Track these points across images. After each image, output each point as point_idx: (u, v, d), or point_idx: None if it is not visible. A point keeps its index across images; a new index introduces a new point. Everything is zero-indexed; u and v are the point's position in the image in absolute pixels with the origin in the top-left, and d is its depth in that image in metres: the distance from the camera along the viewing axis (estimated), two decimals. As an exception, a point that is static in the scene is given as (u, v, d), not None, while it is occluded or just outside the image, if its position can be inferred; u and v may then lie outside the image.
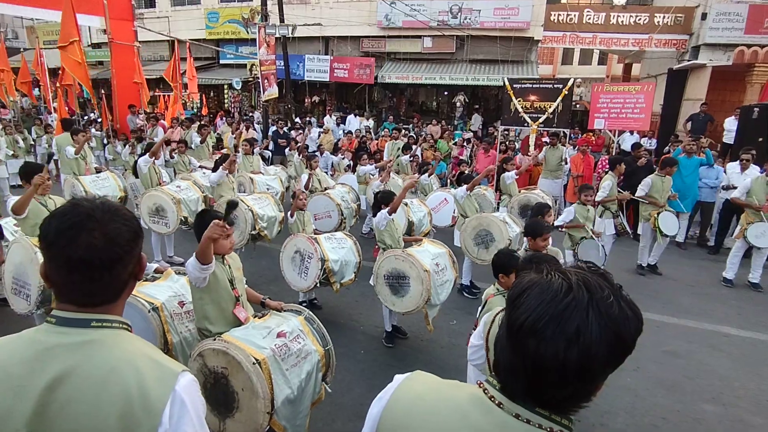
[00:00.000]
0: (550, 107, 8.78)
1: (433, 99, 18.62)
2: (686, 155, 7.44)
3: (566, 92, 8.66)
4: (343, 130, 13.76)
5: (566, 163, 9.12)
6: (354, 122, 14.58)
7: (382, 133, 13.06)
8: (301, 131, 12.50)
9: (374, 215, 4.33)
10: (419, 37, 16.24)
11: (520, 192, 6.98)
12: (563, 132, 9.27)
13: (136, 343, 1.07)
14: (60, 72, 11.03)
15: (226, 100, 19.12)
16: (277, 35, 11.98)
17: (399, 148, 8.99)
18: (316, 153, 7.62)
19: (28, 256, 3.31)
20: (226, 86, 18.45)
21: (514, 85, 9.02)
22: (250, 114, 16.78)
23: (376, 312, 5.05)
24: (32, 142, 12.35)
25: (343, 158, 9.51)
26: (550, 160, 8.86)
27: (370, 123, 15.07)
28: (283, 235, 5.70)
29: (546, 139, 9.78)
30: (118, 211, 1.08)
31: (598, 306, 0.76)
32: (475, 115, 16.14)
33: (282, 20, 12.72)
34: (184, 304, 3.23)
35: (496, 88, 16.23)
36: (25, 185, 4.20)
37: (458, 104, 16.57)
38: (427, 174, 7.30)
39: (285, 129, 11.95)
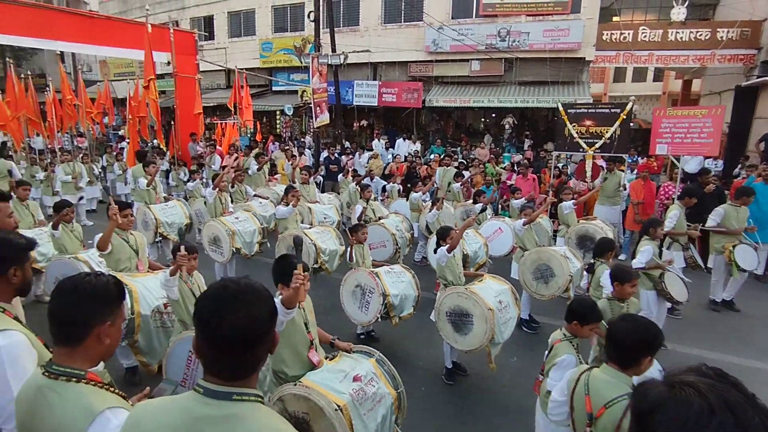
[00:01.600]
0: (607, 132, 8.56)
1: (481, 121, 18.56)
2: (763, 181, 6.99)
3: (624, 117, 8.42)
4: (392, 154, 13.93)
5: (624, 189, 8.80)
6: (403, 146, 14.75)
7: (432, 157, 13.13)
8: (351, 156, 12.81)
9: (434, 250, 4.34)
10: (467, 60, 16.33)
11: (578, 222, 6.80)
12: (622, 157, 8.97)
13: (272, 417, 1.18)
14: (133, 104, 11.85)
15: (277, 126, 19.89)
16: (330, 63, 12.40)
17: (452, 176, 8.96)
18: (369, 184, 7.74)
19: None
20: (278, 112, 19.22)
21: (569, 110, 8.88)
22: (302, 139, 17.34)
23: (433, 346, 5.03)
24: (103, 170, 13.34)
25: (396, 185, 9.60)
26: (608, 186, 8.56)
27: (418, 146, 15.19)
28: (341, 266, 5.82)
29: (602, 163, 9.49)
30: (260, 292, 1.19)
31: None
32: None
33: (334, 50, 13.18)
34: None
35: (546, 109, 16.00)
36: (54, 216, 4.64)
37: (507, 126, 16.42)
38: (481, 204, 7.23)
39: (336, 154, 12.28)
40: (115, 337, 1.58)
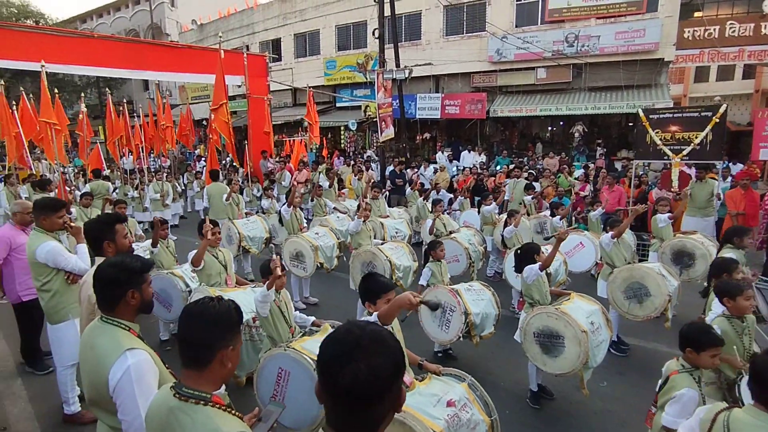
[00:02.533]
0: (696, 137, 7.90)
1: (547, 130, 17.91)
2: None
3: (717, 120, 7.74)
4: (457, 167, 13.78)
5: (718, 199, 8.03)
6: (467, 158, 14.55)
7: (500, 169, 12.81)
8: (416, 169, 12.80)
9: (519, 269, 4.16)
10: (532, 68, 15.90)
11: (675, 236, 6.25)
12: (713, 164, 8.23)
13: None
14: (212, 125, 12.65)
15: (342, 141, 20.39)
16: (395, 78, 12.54)
17: (522, 188, 8.66)
18: (441, 198, 7.65)
19: (210, 306, 3.72)
20: (342, 127, 19.71)
21: (651, 116, 8.30)
22: (369, 154, 17.60)
23: (514, 366, 4.81)
24: (184, 188, 14.29)
25: (464, 198, 9.43)
26: (699, 196, 7.86)
27: (483, 158, 14.91)
28: (415, 283, 5.75)
29: (691, 171, 8.77)
30: (385, 341, 1.07)
31: None
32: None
33: (398, 64, 13.33)
34: (343, 361, 3.34)
35: (619, 115, 15.15)
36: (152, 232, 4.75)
37: (576, 134, 15.71)
38: (559, 217, 6.90)
39: (401, 168, 12.32)
40: (235, 362, 1.61)
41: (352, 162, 13.27)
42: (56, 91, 8.84)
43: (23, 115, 9.16)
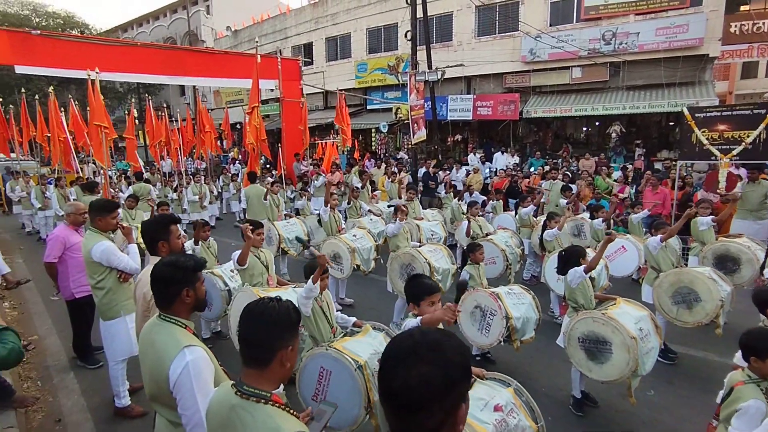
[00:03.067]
0: (747, 136, 7.54)
1: (582, 130, 17.47)
2: None
3: (771, 118, 7.36)
4: (489, 168, 13.61)
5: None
6: (500, 159, 14.35)
7: (534, 171, 12.58)
8: (448, 171, 12.72)
9: (563, 272, 4.06)
10: (567, 68, 15.54)
11: (717, 240, 5.99)
12: (766, 164, 7.82)
13: None
14: (248, 129, 12.95)
15: (373, 143, 20.48)
16: (427, 79, 12.51)
17: (559, 190, 8.48)
18: (477, 200, 7.58)
19: (253, 305, 3.79)
20: (373, 130, 19.81)
21: (696, 115, 7.97)
22: (398, 155, 17.63)
23: (554, 371, 4.70)
24: (220, 190, 14.65)
25: (496, 201, 9.29)
26: (751, 197, 7.49)
27: (516, 159, 14.68)
28: (454, 286, 5.71)
29: (740, 172, 8.37)
30: (443, 351, 1.02)
31: None
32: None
33: (430, 66, 13.29)
34: (383, 362, 3.34)
35: (659, 114, 14.61)
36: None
37: (613, 135, 15.25)
38: (601, 219, 6.70)
39: (434, 171, 12.27)
40: (293, 362, 1.63)
41: (384, 164, 13.27)
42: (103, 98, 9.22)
43: (73, 121, 9.61)
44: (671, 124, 14.98)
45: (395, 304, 5.71)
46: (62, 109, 10.98)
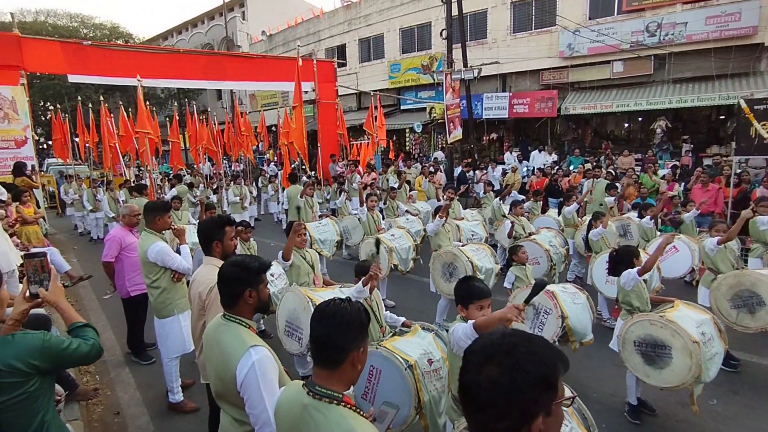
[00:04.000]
0: (812, 129, 7.08)
1: (624, 127, 16.86)
2: None
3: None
4: (526, 167, 13.35)
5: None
6: (538, 158, 14.05)
7: (573, 169, 12.25)
8: (484, 170, 12.56)
9: (615, 273, 3.92)
10: (608, 62, 15.04)
11: (781, 239, 5.65)
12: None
13: None
14: (282, 131, 13.18)
15: (407, 143, 20.44)
16: (463, 78, 12.39)
17: (603, 189, 8.21)
18: (520, 199, 7.44)
19: (301, 305, 3.84)
20: (407, 130, 19.77)
21: (755, 107, 7.55)
22: (438, 155, 17.50)
23: (606, 376, 4.55)
24: (258, 191, 14.95)
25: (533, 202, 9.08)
26: (816, 194, 7.05)
27: (554, 157, 14.33)
28: (497, 286, 5.61)
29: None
30: (515, 355, 1.00)
31: None
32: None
33: (465, 64, 13.15)
34: (432, 362, 3.31)
35: (708, 108, 13.93)
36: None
37: (658, 130, 14.63)
38: (649, 218, 6.44)
39: (471, 170, 12.16)
40: (363, 363, 1.63)
41: (420, 164, 13.23)
42: (147, 103, 9.61)
43: (123, 127, 10.05)
44: (721, 117, 14.26)
45: (437, 304, 5.67)
46: (111, 115, 11.50)
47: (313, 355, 1.62)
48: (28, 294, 1.87)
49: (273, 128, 24.49)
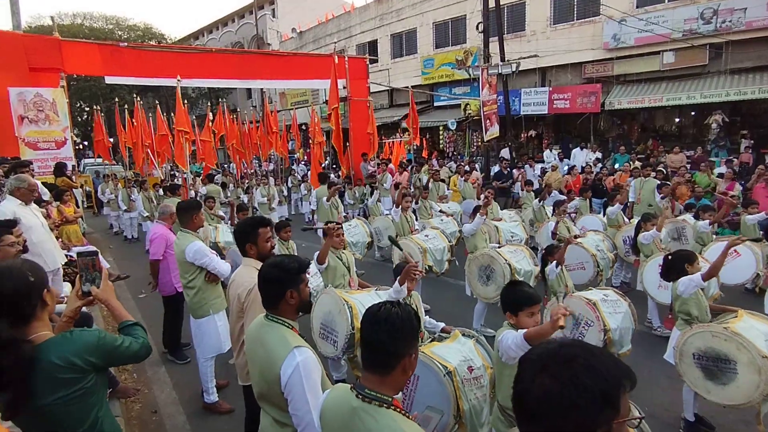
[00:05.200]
0: None
1: (674, 122, 16.22)
2: None
3: None
4: (567, 165, 13.03)
5: None
6: (580, 156, 13.71)
7: (618, 167, 11.87)
8: (522, 169, 12.34)
9: (668, 278, 3.77)
10: (657, 53, 14.49)
11: None
12: None
13: None
14: (311, 129, 13.34)
15: (440, 141, 20.33)
16: (500, 73, 12.22)
17: (652, 188, 7.93)
18: (564, 199, 7.28)
19: (336, 307, 3.87)
20: (440, 127, 19.65)
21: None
22: (475, 155, 17.36)
23: (658, 389, 4.39)
24: (288, 191, 15.17)
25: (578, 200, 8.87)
26: None
27: (598, 155, 13.94)
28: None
29: None
30: (573, 368, 0.96)
31: None
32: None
33: (503, 59, 12.97)
34: (472, 370, 3.26)
35: (773, 99, 13.20)
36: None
37: (714, 125, 13.98)
38: (708, 222, 6.17)
39: (508, 169, 11.96)
40: (413, 369, 1.63)
41: (454, 163, 13.12)
42: (186, 102, 9.91)
43: (159, 127, 10.41)
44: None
45: (474, 308, 5.62)
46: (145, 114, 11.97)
47: (363, 358, 1.64)
48: (80, 292, 1.96)
49: (303, 127, 24.87)
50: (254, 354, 2.15)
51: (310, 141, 13.55)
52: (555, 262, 4.50)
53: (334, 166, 13.50)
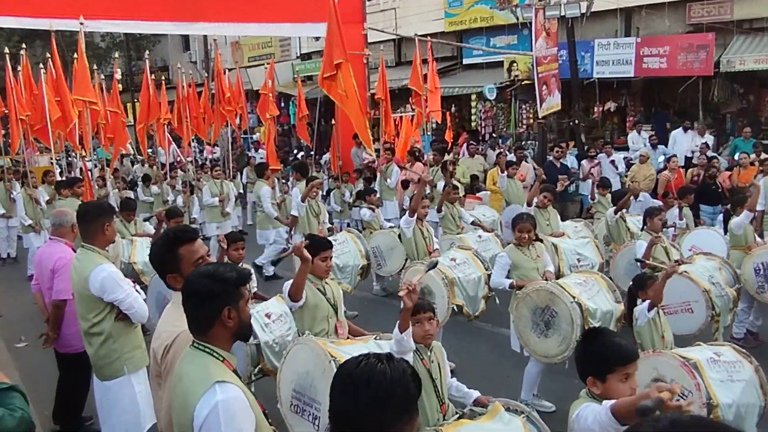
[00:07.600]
0: None
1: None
2: None
3: None
4: (664, 154, 13.10)
5: None
6: (682, 140, 13.80)
7: (737, 157, 11.91)
8: (594, 160, 12.41)
9: None
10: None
11: None
12: None
13: None
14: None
15: (472, 117, 20.34)
16: (564, 15, 12.33)
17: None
18: (659, 208, 7.31)
19: (319, 366, 3.84)
20: (473, 96, 19.70)
21: None
22: (524, 138, 17.42)
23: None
24: (243, 189, 15.13)
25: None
26: None
27: (709, 140, 14.02)
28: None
29: None
30: None
31: None
32: None
33: (568, -5, 13.12)
34: None
35: None
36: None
37: None
38: None
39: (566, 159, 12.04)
40: None
41: (493, 150, 13.17)
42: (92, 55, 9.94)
43: (52, 92, 10.39)
44: None
45: (525, 370, 5.60)
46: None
47: None
48: None
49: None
50: (173, 394, 2.30)
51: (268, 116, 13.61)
52: (648, 300, 4.49)
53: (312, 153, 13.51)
